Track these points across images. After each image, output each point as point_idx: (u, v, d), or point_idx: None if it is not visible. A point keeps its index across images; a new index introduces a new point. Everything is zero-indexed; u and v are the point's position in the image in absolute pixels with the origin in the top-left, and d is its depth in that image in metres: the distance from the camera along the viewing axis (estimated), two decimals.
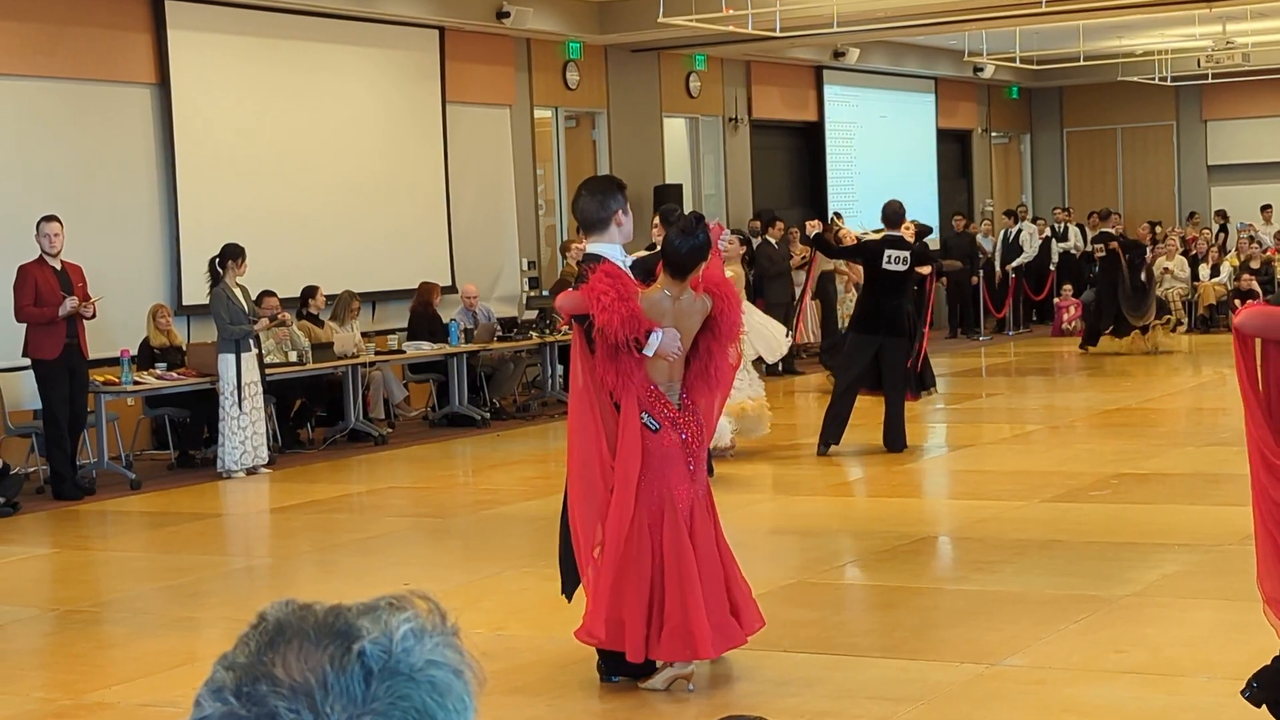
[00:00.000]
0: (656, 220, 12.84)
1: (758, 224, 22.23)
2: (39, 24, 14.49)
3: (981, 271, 25.71)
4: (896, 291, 13.56)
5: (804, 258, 21.91)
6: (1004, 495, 11.64)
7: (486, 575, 9.60)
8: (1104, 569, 9.07)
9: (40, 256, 12.86)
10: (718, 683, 7.10)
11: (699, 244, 6.81)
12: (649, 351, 6.68)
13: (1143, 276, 22.09)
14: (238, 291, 13.72)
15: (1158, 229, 26.22)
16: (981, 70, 27.79)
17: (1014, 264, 26.06)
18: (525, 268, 19.94)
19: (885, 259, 13.45)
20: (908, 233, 13.96)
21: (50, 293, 12.76)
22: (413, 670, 1.25)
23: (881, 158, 26.95)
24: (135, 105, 15.41)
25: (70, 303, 12.71)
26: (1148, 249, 22.96)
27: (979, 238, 26.80)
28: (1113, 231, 23.18)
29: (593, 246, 6.96)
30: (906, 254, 13.49)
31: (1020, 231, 26.35)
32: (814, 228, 14.46)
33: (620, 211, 6.94)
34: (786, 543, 10.54)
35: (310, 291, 15.93)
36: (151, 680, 7.46)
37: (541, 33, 19.73)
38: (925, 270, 13.86)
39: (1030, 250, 26.19)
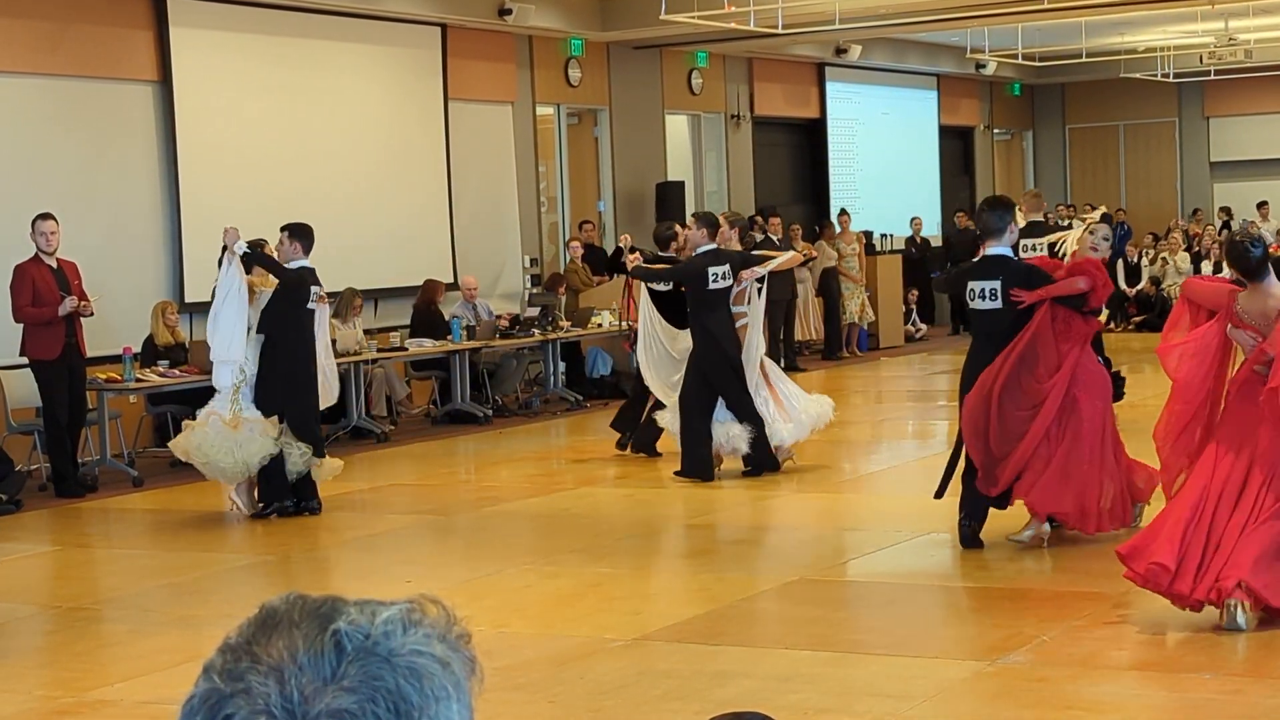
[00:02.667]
0: (691, 222, 12.84)
1: (760, 218, 22.22)
2: (41, 22, 14.48)
3: None
4: (723, 306, 12.52)
5: (806, 255, 21.88)
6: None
7: (488, 573, 9.60)
8: (1107, 566, 9.05)
9: (36, 255, 12.79)
10: (720, 679, 7.09)
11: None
12: None
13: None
14: None
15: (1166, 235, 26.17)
16: (984, 67, 27.77)
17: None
18: (527, 265, 19.93)
19: (710, 279, 12.39)
20: (731, 244, 12.88)
21: (48, 291, 12.71)
22: (390, 654, 1.27)
23: (883, 154, 26.94)
24: (137, 103, 15.40)
25: (70, 302, 12.66)
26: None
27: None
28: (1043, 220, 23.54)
29: (991, 250, 9.59)
30: (727, 267, 12.49)
31: (1022, 228, 26.32)
32: (631, 259, 13.29)
33: (1013, 224, 9.68)
34: (789, 539, 10.53)
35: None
36: (153, 678, 7.46)
37: (543, 30, 19.72)
38: (748, 274, 12.70)
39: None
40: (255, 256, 11.64)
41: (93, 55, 14.87)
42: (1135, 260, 25.65)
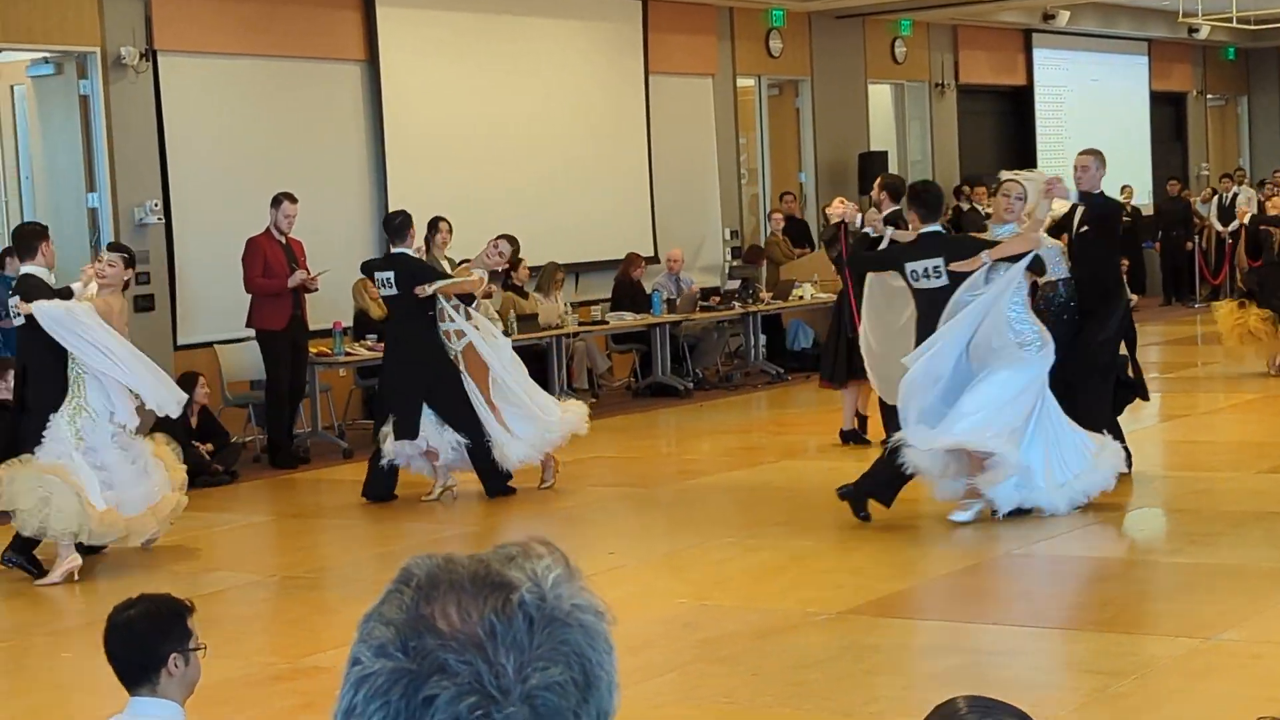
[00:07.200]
0: (881, 193, 12.41)
1: (966, 188, 21.94)
2: (253, 3, 14.81)
3: (1197, 237, 25.05)
4: (405, 317, 11.47)
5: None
6: (1220, 466, 11.35)
7: (690, 545, 9.62)
8: None
9: (267, 230, 13.23)
10: (926, 653, 7.03)
11: None
12: None
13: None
14: (445, 264, 13.89)
15: None
16: (1196, 31, 27.03)
17: (1230, 228, 25.36)
18: (728, 237, 19.92)
19: (378, 284, 11.58)
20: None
21: (278, 265, 13.15)
22: (565, 615, 1.28)
23: (1092, 122, 26.38)
24: (345, 82, 15.70)
25: (300, 275, 13.10)
26: None
27: (1196, 203, 26.11)
28: None
29: None
30: (390, 275, 11.36)
31: (1237, 196, 25.64)
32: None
33: None
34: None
35: (514, 263, 16.08)
36: None
37: (744, 1, 19.66)
38: (419, 290, 11.27)
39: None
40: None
41: (303, 36, 15.18)
42: None
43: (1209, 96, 30.24)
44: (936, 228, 9.81)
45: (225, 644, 7.91)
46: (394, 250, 11.61)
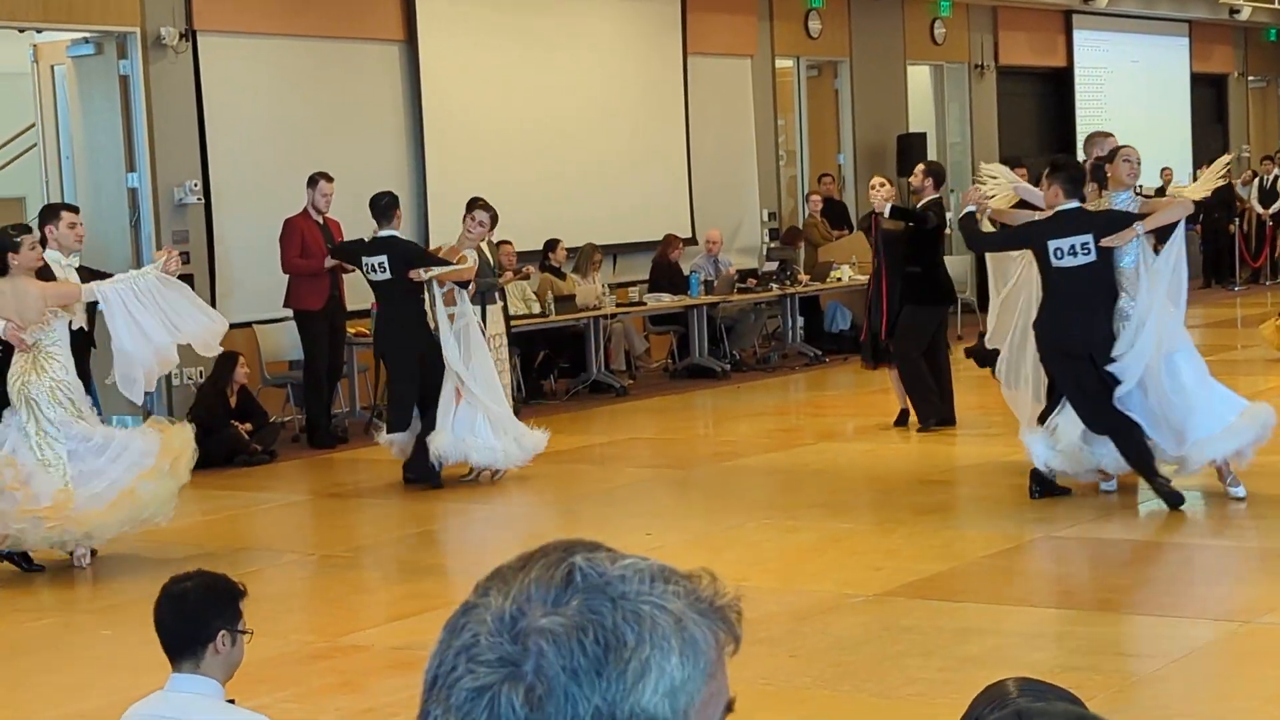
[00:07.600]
0: (925, 179, 12.48)
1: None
2: None
3: (1239, 219, 24.89)
4: (395, 300, 11.45)
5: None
6: (1261, 449, 11.27)
7: (728, 526, 9.63)
8: None
9: (305, 210, 13.27)
10: (963, 636, 7.02)
11: None
12: None
13: None
14: (484, 244, 13.90)
15: None
16: (1237, 12, 26.84)
17: (1271, 210, 25.20)
18: (766, 219, 19.88)
19: (365, 269, 11.53)
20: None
21: (315, 245, 13.19)
22: (620, 595, 1.31)
23: (1133, 104, 26.24)
24: (383, 62, 15.70)
25: None
26: None
27: (1237, 186, 25.93)
28: None
29: None
30: (382, 259, 11.36)
31: (1278, 178, 25.46)
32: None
33: None
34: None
35: (552, 244, 16.10)
36: (404, 624, 7.64)
37: None
38: (414, 274, 11.30)
39: None
40: None
41: (340, 16, 15.19)
42: None
43: (1250, 78, 30.02)
44: (1076, 203, 9.72)
45: (263, 622, 7.94)
46: (382, 233, 11.53)
